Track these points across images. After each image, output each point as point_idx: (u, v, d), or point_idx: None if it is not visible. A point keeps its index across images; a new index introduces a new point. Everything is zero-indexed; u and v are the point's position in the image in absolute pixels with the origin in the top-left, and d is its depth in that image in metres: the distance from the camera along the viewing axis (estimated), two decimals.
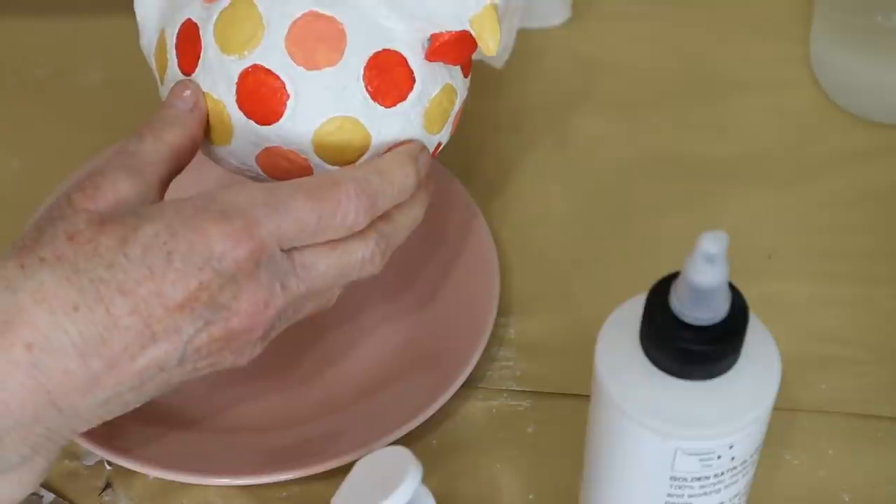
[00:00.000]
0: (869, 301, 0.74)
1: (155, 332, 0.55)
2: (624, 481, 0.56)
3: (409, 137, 0.62)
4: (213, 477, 0.65)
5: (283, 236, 0.57)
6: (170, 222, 0.55)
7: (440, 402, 0.67)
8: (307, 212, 0.57)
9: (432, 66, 0.62)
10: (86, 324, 0.54)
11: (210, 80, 0.61)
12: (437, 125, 0.63)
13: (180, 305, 0.55)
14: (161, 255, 0.55)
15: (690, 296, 0.50)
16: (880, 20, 0.78)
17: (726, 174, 0.80)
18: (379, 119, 0.61)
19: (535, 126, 0.82)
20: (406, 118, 0.62)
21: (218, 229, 0.55)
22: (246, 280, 0.56)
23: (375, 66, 0.61)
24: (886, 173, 0.80)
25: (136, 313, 0.54)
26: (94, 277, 0.54)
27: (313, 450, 0.66)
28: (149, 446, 0.66)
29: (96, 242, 0.54)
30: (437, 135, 0.64)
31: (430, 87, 0.62)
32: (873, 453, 0.68)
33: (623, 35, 0.87)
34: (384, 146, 0.62)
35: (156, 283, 0.54)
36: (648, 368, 0.52)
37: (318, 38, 0.60)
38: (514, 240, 0.76)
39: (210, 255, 0.55)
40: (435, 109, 0.63)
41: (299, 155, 0.61)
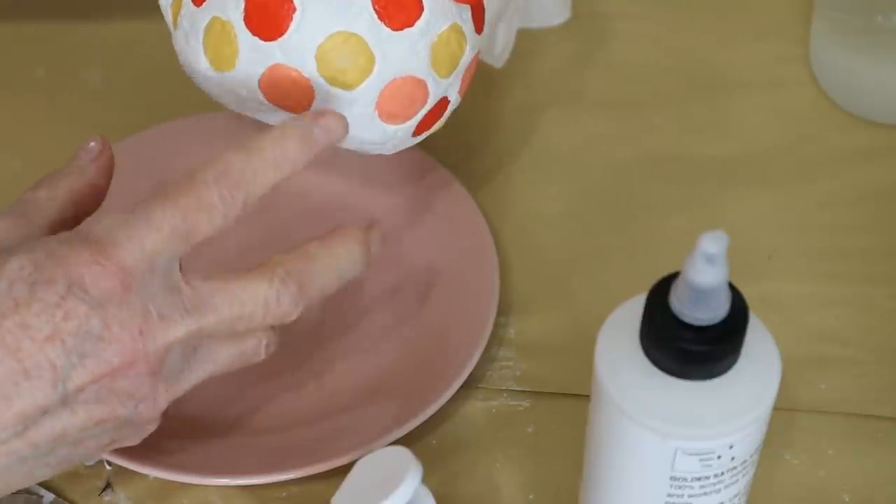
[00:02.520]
0: (869, 301, 0.74)
1: (26, 368, 0.53)
2: (624, 481, 0.56)
3: (414, 70, 0.62)
4: (213, 477, 0.65)
5: (154, 252, 0.55)
6: (34, 255, 0.54)
7: (440, 402, 0.67)
8: (169, 218, 0.55)
9: (442, 1, 0.62)
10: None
11: (220, 2, 0.62)
12: (444, 67, 0.63)
13: (48, 337, 0.53)
14: (25, 286, 0.53)
15: (690, 296, 0.50)
16: (880, 20, 0.78)
17: (726, 174, 0.80)
18: (384, 41, 0.61)
19: (534, 126, 0.82)
20: (412, 47, 0.62)
21: (77, 256, 0.54)
22: (116, 307, 0.54)
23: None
24: (886, 173, 0.80)
25: (3, 347, 0.52)
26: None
27: (313, 450, 0.66)
28: (149, 446, 0.66)
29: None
30: (445, 80, 0.64)
31: (438, 20, 0.62)
32: (873, 453, 0.68)
33: (623, 35, 0.87)
34: (389, 73, 0.62)
35: (21, 314, 0.53)
36: (648, 368, 0.52)
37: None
38: (514, 239, 0.76)
39: (71, 283, 0.53)
40: (443, 48, 0.63)
41: (302, 74, 0.61)
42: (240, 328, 0.58)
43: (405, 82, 0.63)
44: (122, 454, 0.65)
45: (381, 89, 0.62)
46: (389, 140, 0.65)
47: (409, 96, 0.63)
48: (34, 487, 0.66)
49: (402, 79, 0.62)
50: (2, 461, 0.54)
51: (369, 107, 0.63)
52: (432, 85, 0.63)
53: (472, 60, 0.66)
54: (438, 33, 0.62)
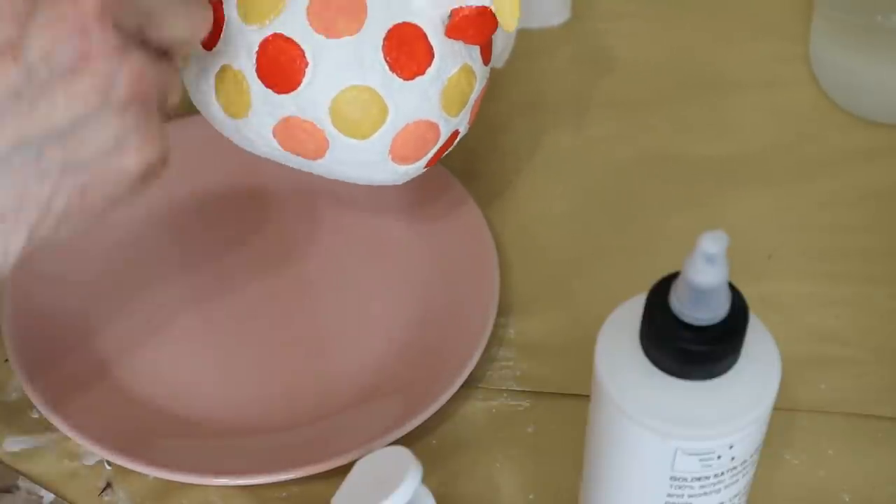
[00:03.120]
0: (869, 301, 0.74)
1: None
2: (624, 481, 0.57)
3: (426, 115, 0.63)
4: (213, 477, 0.65)
5: None
6: None
7: (440, 402, 0.67)
8: None
9: (452, 45, 0.63)
10: None
11: (231, 51, 0.62)
12: (455, 107, 0.64)
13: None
14: None
15: (690, 296, 0.50)
16: (880, 20, 0.78)
17: (726, 174, 0.80)
18: (397, 91, 0.62)
19: (534, 126, 0.82)
20: (424, 93, 0.62)
21: None
22: None
23: (395, 38, 0.61)
24: (886, 173, 0.80)
25: None
26: None
27: (313, 450, 0.66)
28: (149, 446, 0.66)
29: None
30: (455, 118, 0.64)
31: (448, 65, 0.63)
32: (873, 453, 0.68)
33: (623, 35, 0.87)
34: (402, 121, 0.62)
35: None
36: (648, 368, 0.52)
37: (338, 8, 0.61)
38: (514, 240, 0.76)
39: None
40: (453, 89, 0.63)
41: (316, 126, 0.62)
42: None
43: (417, 126, 0.63)
44: (122, 454, 0.65)
45: (394, 136, 0.63)
46: (401, 178, 0.66)
47: (422, 139, 0.64)
48: (34, 487, 0.66)
49: (415, 123, 0.63)
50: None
51: (383, 152, 0.63)
52: (443, 125, 0.64)
53: (481, 92, 0.66)
54: (449, 77, 0.63)
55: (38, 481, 0.67)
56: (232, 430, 0.68)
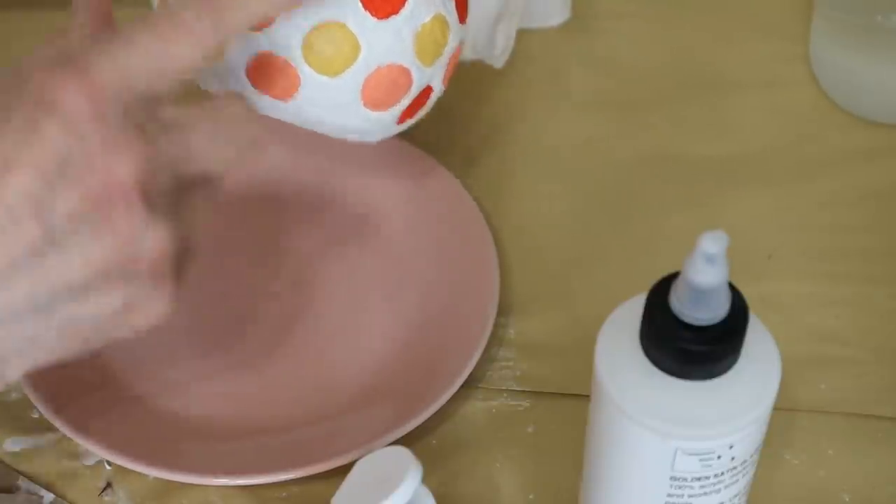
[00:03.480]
0: (869, 301, 0.74)
1: (8, 205, 0.48)
2: (624, 481, 0.56)
3: (398, 58, 0.63)
4: (213, 477, 0.65)
5: (129, 71, 0.51)
6: (7, 82, 0.50)
7: (440, 402, 0.67)
8: (147, 38, 0.51)
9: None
10: None
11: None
12: (428, 56, 0.64)
13: (27, 165, 0.48)
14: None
15: (690, 296, 0.50)
16: (880, 20, 0.78)
17: (726, 174, 0.80)
18: (370, 30, 0.62)
19: (534, 126, 0.82)
20: (397, 34, 0.63)
21: (51, 77, 0.50)
22: (93, 126, 0.49)
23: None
24: (886, 173, 0.80)
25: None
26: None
27: (313, 450, 0.66)
28: (149, 446, 0.66)
29: None
30: (429, 68, 0.64)
31: (422, 10, 0.63)
32: (873, 453, 0.68)
33: (623, 35, 0.87)
34: (374, 61, 0.62)
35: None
36: (648, 368, 0.52)
37: None
38: (514, 240, 0.76)
39: (47, 106, 0.49)
40: (427, 37, 0.63)
41: (288, 62, 0.62)
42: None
43: (390, 70, 0.63)
44: (122, 454, 0.65)
45: (366, 77, 0.63)
46: (373, 127, 0.66)
47: (393, 84, 0.64)
48: (34, 487, 0.66)
49: (387, 67, 0.63)
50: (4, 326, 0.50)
51: (354, 93, 0.63)
52: (416, 73, 0.64)
53: (455, 50, 0.66)
54: (422, 23, 0.63)
55: (38, 481, 0.67)
56: (232, 431, 0.68)
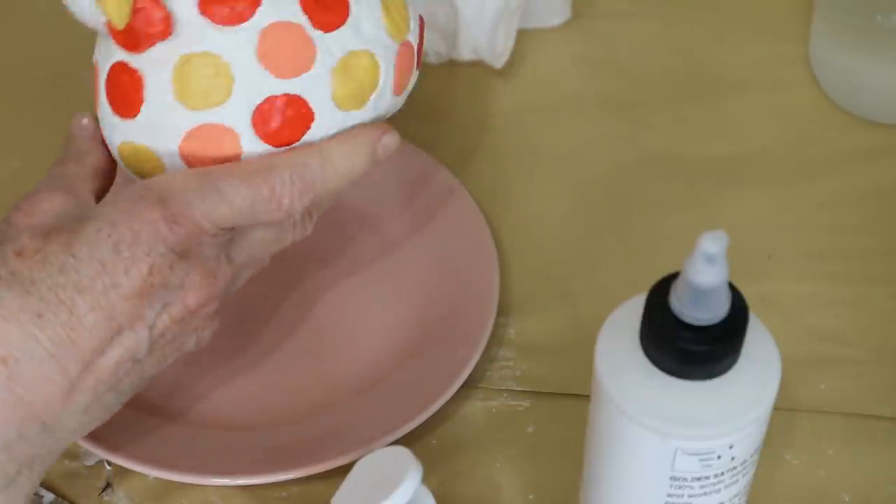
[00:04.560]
0: (869, 301, 0.74)
1: (120, 325, 0.56)
2: (624, 481, 0.56)
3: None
4: (213, 477, 0.65)
5: (219, 221, 0.58)
6: (109, 216, 0.56)
7: (440, 402, 0.67)
8: (241, 198, 0.58)
9: None
10: (53, 328, 0.55)
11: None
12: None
13: (138, 292, 0.56)
14: (108, 247, 0.56)
15: (690, 296, 0.50)
16: (880, 20, 0.78)
17: (726, 174, 0.80)
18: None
19: (535, 126, 0.82)
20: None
21: (156, 214, 0.56)
22: (194, 257, 0.58)
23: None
24: (886, 173, 0.80)
25: (98, 309, 0.55)
26: (51, 284, 0.55)
27: (313, 450, 0.66)
28: (149, 446, 0.66)
29: (44, 252, 0.55)
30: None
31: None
32: (873, 453, 0.68)
33: (623, 35, 0.87)
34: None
35: (109, 275, 0.56)
36: (648, 368, 0.52)
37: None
38: (513, 240, 0.76)
39: (153, 240, 0.56)
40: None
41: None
42: (273, 250, 0.63)
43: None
44: (122, 454, 0.65)
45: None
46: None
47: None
48: None
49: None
50: (93, 413, 0.57)
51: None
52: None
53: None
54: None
55: None
56: (232, 430, 0.68)
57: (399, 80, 0.62)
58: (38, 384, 0.54)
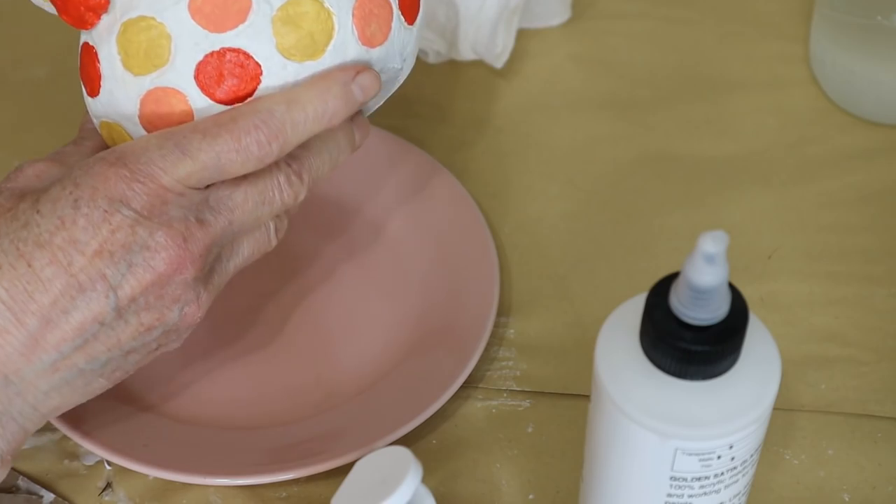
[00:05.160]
0: (869, 301, 0.74)
1: (80, 282, 0.56)
2: (624, 481, 0.56)
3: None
4: (213, 477, 0.65)
5: (186, 178, 0.57)
6: (74, 175, 0.57)
7: (440, 402, 0.67)
8: (204, 152, 0.57)
9: None
10: (10, 280, 0.55)
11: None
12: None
13: (97, 251, 0.56)
14: (68, 203, 0.56)
15: (690, 296, 0.50)
16: (880, 20, 0.78)
17: (726, 174, 0.80)
18: None
19: (535, 126, 0.82)
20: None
21: (114, 171, 0.56)
22: (157, 218, 0.57)
23: None
24: (886, 173, 0.80)
25: (56, 263, 0.56)
26: (13, 238, 0.56)
27: (313, 450, 0.66)
28: (149, 446, 0.66)
29: (15, 210, 0.57)
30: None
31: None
32: (873, 453, 0.68)
33: (623, 35, 0.87)
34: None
35: (68, 230, 0.56)
36: (648, 368, 0.52)
37: None
38: (514, 240, 0.76)
39: (113, 198, 0.56)
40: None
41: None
42: (262, 216, 0.61)
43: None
44: (122, 454, 0.65)
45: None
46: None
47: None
48: (34, 487, 0.66)
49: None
50: (62, 375, 0.58)
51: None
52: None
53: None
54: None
55: (38, 481, 0.67)
56: (232, 430, 0.68)
57: (363, 25, 0.60)
58: (14, 356, 0.55)
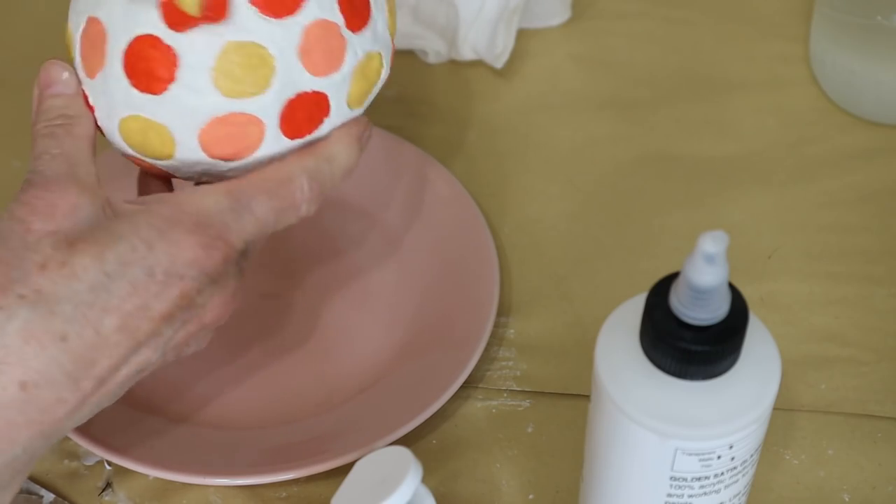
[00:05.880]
0: (869, 301, 0.74)
1: (140, 342, 0.56)
2: (624, 481, 0.56)
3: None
4: (213, 477, 0.65)
5: (248, 237, 0.58)
6: (145, 235, 0.55)
7: (440, 402, 0.67)
8: (267, 212, 0.59)
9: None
10: (76, 350, 0.54)
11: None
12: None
13: (164, 316, 0.56)
14: (142, 269, 0.55)
15: (690, 296, 0.50)
16: (880, 20, 0.78)
17: (726, 174, 0.80)
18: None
19: (535, 126, 0.82)
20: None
21: (194, 240, 0.56)
22: (222, 280, 0.58)
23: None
24: (886, 173, 0.80)
25: (125, 329, 0.55)
26: (78, 303, 0.54)
27: (313, 450, 0.66)
28: (149, 446, 0.66)
29: (72, 265, 0.54)
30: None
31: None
32: (873, 453, 0.68)
33: (623, 35, 0.87)
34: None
35: (140, 297, 0.55)
36: (648, 368, 0.52)
37: None
38: (514, 240, 0.76)
39: (189, 265, 0.56)
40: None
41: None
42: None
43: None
44: (122, 454, 0.65)
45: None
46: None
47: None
48: (34, 487, 0.66)
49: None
50: (90, 412, 0.57)
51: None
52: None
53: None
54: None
55: (38, 481, 0.67)
56: (232, 431, 0.68)
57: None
58: (52, 406, 0.54)
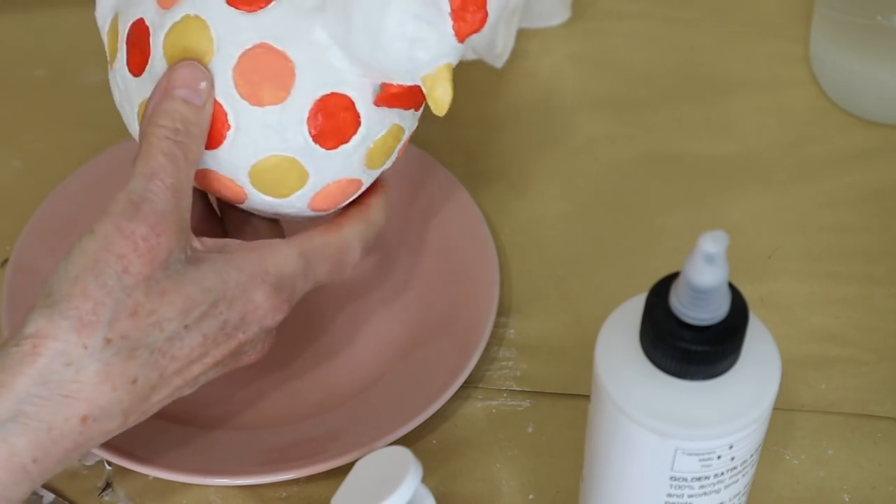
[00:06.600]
0: (869, 301, 0.74)
1: (188, 382, 0.59)
2: (624, 481, 0.56)
3: (348, 175, 0.62)
4: (213, 477, 0.65)
5: (302, 294, 0.62)
6: (231, 295, 0.58)
7: (440, 402, 0.67)
8: (324, 275, 0.63)
9: (380, 110, 0.61)
10: (139, 391, 0.56)
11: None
12: (378, 162, 0.63)
13: (218, 361, 0.59)
14: (216, 323, 0.58)
15: (690, 296, 0.50)
16: (880, 20, 0.78)
17: (726, 174, 0.80)
18: (319, 160, 0.61)
19: (535, 126, 0.82)
20: (346, 159, 0.61)
21: (269, 304, 0.59)
22: (271, 329, 0.62)
23: (321, 110, 0.60)
24: (886, 173, 0.80)
25: (183, 372, 0.58)
26: (155, 348, 0.56)
27: (313, 450, 0.66)
28: (149, 446, 0.66)
29: (158, 315, 0.56)
30: (376, 170, 0.63)
31: (375, 130, 0.61)
32: (873, 453, 0.68)
33: (623, 35, 0.87)
34: (322, 182, 0.61)
35: (206, 347, 0.58)
36: (648, 368, 0.52)
37: (266, 73, 0.59)
38: (514, 240, 0.76)
39: (256, 322, 0.60)
40: (378, 149, 0.62)
41: (235, 183, 0.61)
42: None
43: (338, 185, 0.62)
44: (122, 454, 0.65)
45: (314, 195, 0.62)
46: (315, 217, 0.65)
47: (342, 193, 0.63)
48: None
49: (336, 182, 0.62)
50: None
51: (302, 207, 0.63)
52: (366, 179, 0.63)
53: (409, 135, 0.64)
54: (375, 140, 0.62)
55: None
56: (232, 431, 0.68)
57: None
58: (98, 435, 0.56)
